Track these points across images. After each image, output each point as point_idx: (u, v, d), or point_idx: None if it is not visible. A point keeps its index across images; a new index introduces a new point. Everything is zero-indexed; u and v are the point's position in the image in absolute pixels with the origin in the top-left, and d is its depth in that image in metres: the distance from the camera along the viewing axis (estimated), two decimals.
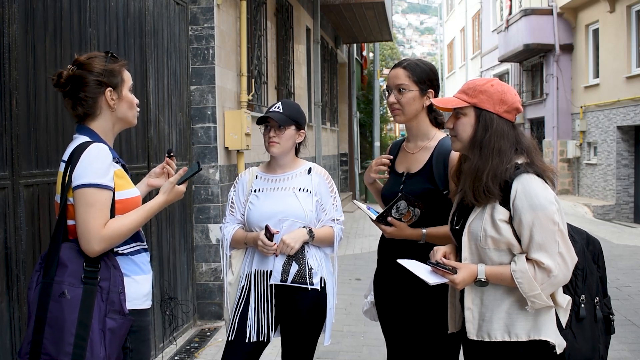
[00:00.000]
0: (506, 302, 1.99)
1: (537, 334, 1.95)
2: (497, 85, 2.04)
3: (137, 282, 2.09)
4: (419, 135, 2.54)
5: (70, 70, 2.05)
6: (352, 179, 15.64)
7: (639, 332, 4.89)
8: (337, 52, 13.29)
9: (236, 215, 2.75)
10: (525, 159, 2.01)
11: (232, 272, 2.73)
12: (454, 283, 1.99)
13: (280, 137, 2.67)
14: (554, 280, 1.91)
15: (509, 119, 2.04)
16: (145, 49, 3.99)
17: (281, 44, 7.64)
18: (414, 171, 2.50)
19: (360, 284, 6.51)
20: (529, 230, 1.91)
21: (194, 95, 4.88)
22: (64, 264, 1.94)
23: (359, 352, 4.43)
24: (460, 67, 27.61)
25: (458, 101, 2.06)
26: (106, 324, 1.92)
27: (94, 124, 2.09)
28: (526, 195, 1.91)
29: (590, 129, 14.74)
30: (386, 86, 2.57)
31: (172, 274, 4.41)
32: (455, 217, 2.14)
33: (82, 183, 1.94)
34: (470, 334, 2.03)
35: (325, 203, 2.74)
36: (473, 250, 2.02)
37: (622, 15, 13.09)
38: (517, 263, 1.94)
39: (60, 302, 1.89)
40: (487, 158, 1.97)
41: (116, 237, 1.98)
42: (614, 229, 11.15)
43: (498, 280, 1.98)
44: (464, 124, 2.04)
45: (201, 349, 4.37)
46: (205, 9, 4.86)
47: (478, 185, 1.96)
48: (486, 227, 1.97)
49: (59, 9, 2.93)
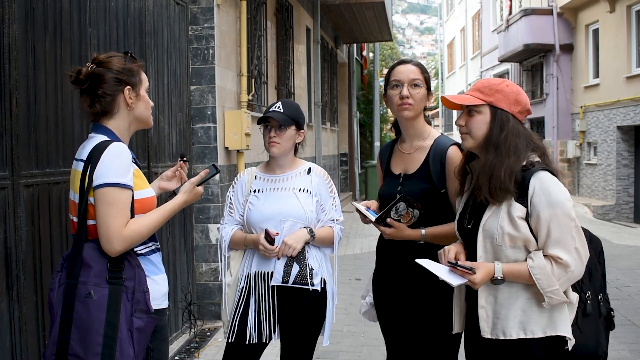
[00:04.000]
0: (521, 299, 2.00)
1: (554, 329, 1.97)
2: (512, 85, 2.07)
3: (156, 282, 2.11)
4: (415, 134, 2.54)
5: (89, 68, 2.06)
6: (352, 179, 15.63)
7: (639, 332, 4.89)
8: (337, 52, 13.29)
9: (235, 216, 2.73)
10: (538, 156, 2.03)
11: (231, 274, 2.70)
12: (473, 283, 1.98)
13: (281, 137, 2.65)
14: (570, 275, 1.93)
15: (521, 120, 2.06)
16: (145, 49, 3.99)
17: (281, 44, 7.64)
18: (411, 172, 2.50)
19: (360, 284, 6.51)
20: (546, 226, 1.93)
21: (194, 95, 4.88)
22: (88, 265, 1.93)
23: (359, 352, 4.42)
24: (460, 67, 27.60)
25: (473, 99, 2.06)
26: (133, 323, 1.93)
27: (111, 123, 2.09)
28: (544, 191, 1.93)
29: (590, 129, 14.74)
30: (392, 80, 2.50)
31: (172, 274, 4.41)
32: (467, 216, 2.13)
33: (103, 182, 1.94)
34: (484, 332, 2.03)
35: (325, 203, 2.73)
36: (488, 249, 2.02)
37: (622, 15, 13.09)
38: (535, 259, 1.94)
39: (87, 303, 1.89)
40: (504, 156, 1.98)
41: (137, 237, 1.99)
42: (614, 229, 11.15)
43: (515, 278, 1.98)
44: (479, 121, 2.04)
45: (201, 349, 4.37)
46: (205, 9, 4.86)
47: (495, 183, 1.97)
48: (503, 225, 1.97)
49: (59, 9, 2.93)
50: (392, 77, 2.52)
